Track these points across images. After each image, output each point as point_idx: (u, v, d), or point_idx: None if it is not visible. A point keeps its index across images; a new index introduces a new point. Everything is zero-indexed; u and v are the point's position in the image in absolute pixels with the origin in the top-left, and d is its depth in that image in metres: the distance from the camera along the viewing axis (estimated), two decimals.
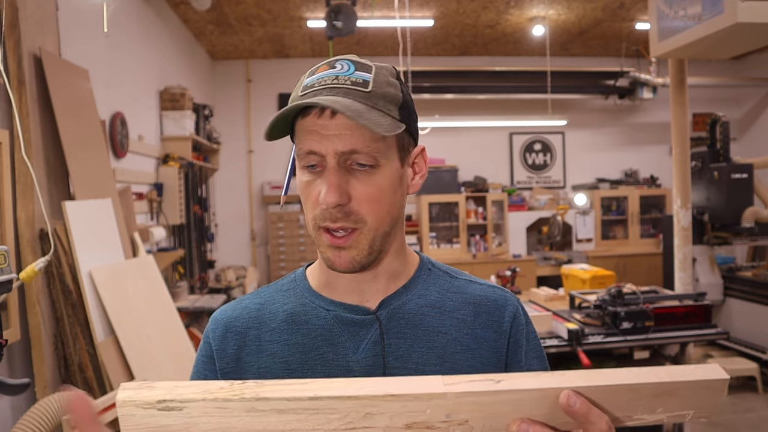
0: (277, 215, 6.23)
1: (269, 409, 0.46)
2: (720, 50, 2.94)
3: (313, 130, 0.67)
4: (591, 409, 0.47)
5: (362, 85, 0.67)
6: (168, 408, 0.46)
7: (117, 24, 3.59)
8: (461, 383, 0.48)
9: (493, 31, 5.83)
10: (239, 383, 0.48)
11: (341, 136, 0.66)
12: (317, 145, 0.67)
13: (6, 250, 1.23)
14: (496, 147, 6.93)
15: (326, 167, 0.67)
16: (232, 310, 0.79)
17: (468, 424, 0.48)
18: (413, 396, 0.47)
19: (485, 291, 0.80)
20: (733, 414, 3.67)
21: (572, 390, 0.47)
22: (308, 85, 0.69)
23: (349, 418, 0.47)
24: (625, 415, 0.49)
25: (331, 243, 0.69)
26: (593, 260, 6.01)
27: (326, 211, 0.67)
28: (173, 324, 3.01)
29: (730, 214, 4.25)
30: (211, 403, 0.46)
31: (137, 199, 3.82)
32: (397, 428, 0.48)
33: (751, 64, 6.81)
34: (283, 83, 6.57)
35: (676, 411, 0.49)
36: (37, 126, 2.39)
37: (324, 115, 0.66)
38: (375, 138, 0.67)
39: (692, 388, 0.48)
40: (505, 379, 0.48)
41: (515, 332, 0.78)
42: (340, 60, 0.70)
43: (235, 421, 0.47)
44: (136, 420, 0.46)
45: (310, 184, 0.69)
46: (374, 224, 0.69)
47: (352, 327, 0.74)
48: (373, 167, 0.68)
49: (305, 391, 0.47)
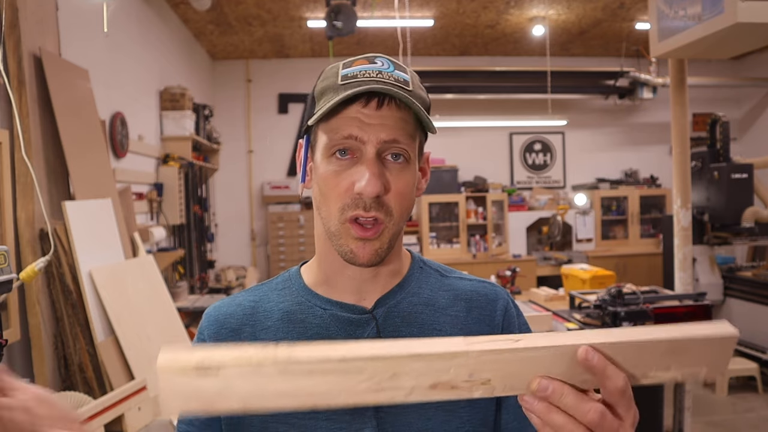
0: (277, 215, 6.23)
1: (301, 370, 0.48)
2: (720, 50, 2.94)
3: (355, 117, 0.67)
4: (608, 365, 0.48)
5: (404, 84, 0.69)
6: (205, 372, 0.48)
7: (117, 24, 3.59)
8: (482, 343, 0.49)
9: (493, 31, 5.83)
10: (272, 346, 0.49)
11: (385, 126, 0.67)
12: (359, 131, 0.67)
13: (6, 250, 1.23)
14: (496, 147, 6.93)
15: (363, 156, 0.68)
16: (226, 307, 0.79)
17: (490, 383, 0.50)
18: (437, 355, 0.48)
19: (475, 286, 0.82)
20: (733, 414, 3.66)
21: (589, 346, 0.48)
22: (350, 76, 0.68)
23: (377, 378, 0.49)
24: (641, 373, 0.51)
25: (360, 235, 0.69)
26: (593, 260, 6.02)
27: (359, 200, 0.67)
28: (173, 324, 3.01)
29: (730, 214, 4.25)
30: (246, 367, 0.48)
31: (137, 199, 3.83)
32: (423, 388, 0.49)
33: (751, 64, 6.81)
34: (283, 83, 6.57)
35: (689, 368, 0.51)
36: (37, 126, 2.39)
37: (370, 105, 0.67)
38: (411, 134, 0.69)
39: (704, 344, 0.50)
40: (523, 338, 0.49)
41: (507, 325, 0.80)
42: (379, 57, 0.71)
43: (268, 383, 0.48)
44: (173, 383, 0.48)
45: (339, 173, 0.69)
46: (398, 219, 0.70)
47: (349, 326, 0.74)
48: (405, 162, 0.70)
49: (335, 351, 0.48)
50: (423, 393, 0.49)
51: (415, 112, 0.68)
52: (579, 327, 2.69)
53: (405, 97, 0.66)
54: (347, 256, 0.70)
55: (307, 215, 6.20)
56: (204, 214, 5.25)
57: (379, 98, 0.67)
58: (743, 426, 3.50)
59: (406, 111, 0.68)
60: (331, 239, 0.71)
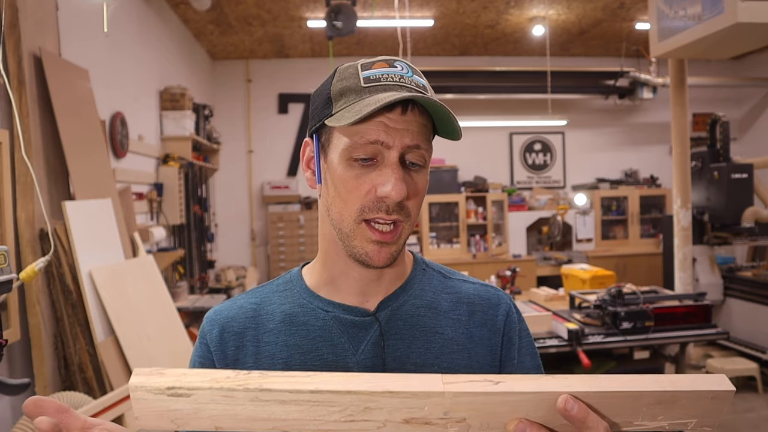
0: (277, 215, 6.23)
1: (272, 399, 0.48)
2: (720, 50, 2.95)
3: (380, 121, 0.67)
4: (589, 414, 0.48)
5: (424, 89, 0.70)
6: (177, 394, 0.48)
7: (117, 24, 3.59)
8: (460, 383, 0.48)
9: (493, 31, 5.83)
10: (245, 373, 0.49)
11: (409, 132, 0.68)
12: (385, 136, 0.67)
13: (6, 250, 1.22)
14: (496, 147, 6.94)
15: (385, 161, 0.68)
16: (227, 310, 0.78)
17: (466, 422, 0.49)
18: (411, 393, 0.48)
19: (478, 290, 0.81)
20: (733, 414, 3.66)
21: (570, 394, 0.47)
22: (372, 78, 0.69)
23: (349, 411, 0.48)
24: (625, 421, 0.49)
25: (379, 238, 0.69)
26: (593, 260, 6.02)
27: (381, 204, 0.68)
28: (173, 324, 3.01)
29: (730, 214, 4.25)
30: (217, 392, 0.48)
31: (137, 199, 3.82)
32: (395, 422, 0.49)
33: (751, 64, 6.81)
34: (283, 83, 6.57)
35: (678, 419, 0.49)
36: (37, 126, 2.39)
37: (396, 110, 0.67)
38: (429, 140, 0.71)
39: (696, 398, 0.48)
40: (503, 381, 0.48)
41: (509, 330, 0.79)
42: (398, 61, 0.72)
43: (240, 409, 0.49)
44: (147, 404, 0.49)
45: (360, 176, 0.69)
46: (413, 221, 0.72)
47: (352, 328, 0.74)
48: (422, 167, 0.71)
49: (307, 384, 0.48)
50: (396, 427, 0.49)
51: (450, 118, 0.68)
52: (579, 327, 2.69)
53: (438, 104, 0.66)
54: (361, 257, 0.70)
55: (307, 215, 6.20)
56: (204, 214, 5.25)
57: (403, 104, 0.67)
58: (743, 426, 3.50)
59: (426, 117, 0.69)
60: (343, 240, 0.71)
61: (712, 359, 4.22)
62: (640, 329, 2.73)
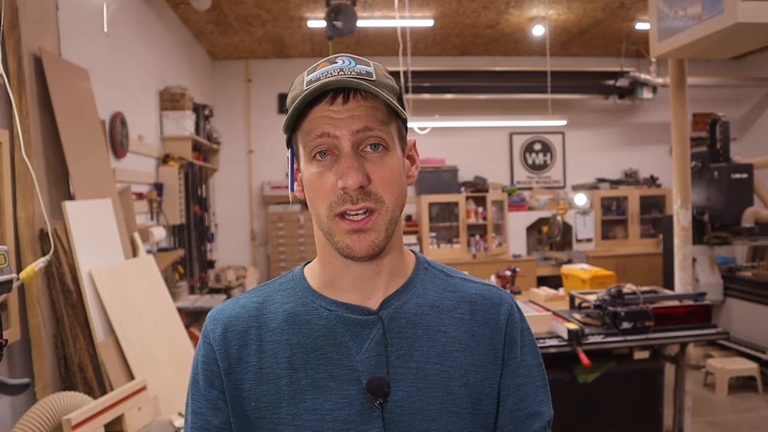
0: (277, 215, 6.23)
1: None
2: (720, 50, 2.95)
3: (324, 115, 0.69)
4: None
5: (368, 76, 0.70)
6: None
7: (117, 24, 3.59)
8: None
9: (493, 31, 5.83)
10: None
11: (354, 117, 0.68)
12: (331, 128, 0.68)
13: (6, 250, 1.22)
14: (496, 147, 6.93)
15: (340, 153, 0.69)
16: (230, 309, 0.79)
17: None
18: None
19: (481, 289, 0.82)
20: (733, 414, 3.67)
21: None
22: (313, 80, 0.70)
23: None
24: None
25: (351, 228, 0.70)
26: (593, 260, 6.01)
27: (345, 195, 0.69)
28: (173, 324, 3.01)
29: (730, 214, 4.25)
30: None
31: (137, 199, 3.82)
32: None
33: (751, 64, 6.81)
34: (283, 83, 6.56)
35: None
36: (37, 126, 2.39)
37: (336, 102, 0.68)
38: (383, 121, 0.70)
39: None
40: None
41: (511, 329, 0.80)
42: (340, 56, 0.73)
43: None
44: None
45: (321, 175, 0.70)
46: (391, 205, 0.71)
47: (355, 327, 0.74)
48: (384, 149, 0.71)
49: None
50: None
51: (382, 99, 0.68)
52: (579, 327, 2.69)
53: (367, 86, 0.67)
54: (345, 251, 0.71)
55: (307, 215, 6.20)
56: (204, 214, 5.25)
57: (344, 94, 0.68)
58: (743, 426, 3.50)
59: (374, 100, 0.70)
60: (327, 239, 0.73)
61: (712, 359, 4.22)
62: (640, 329, 2.73)
